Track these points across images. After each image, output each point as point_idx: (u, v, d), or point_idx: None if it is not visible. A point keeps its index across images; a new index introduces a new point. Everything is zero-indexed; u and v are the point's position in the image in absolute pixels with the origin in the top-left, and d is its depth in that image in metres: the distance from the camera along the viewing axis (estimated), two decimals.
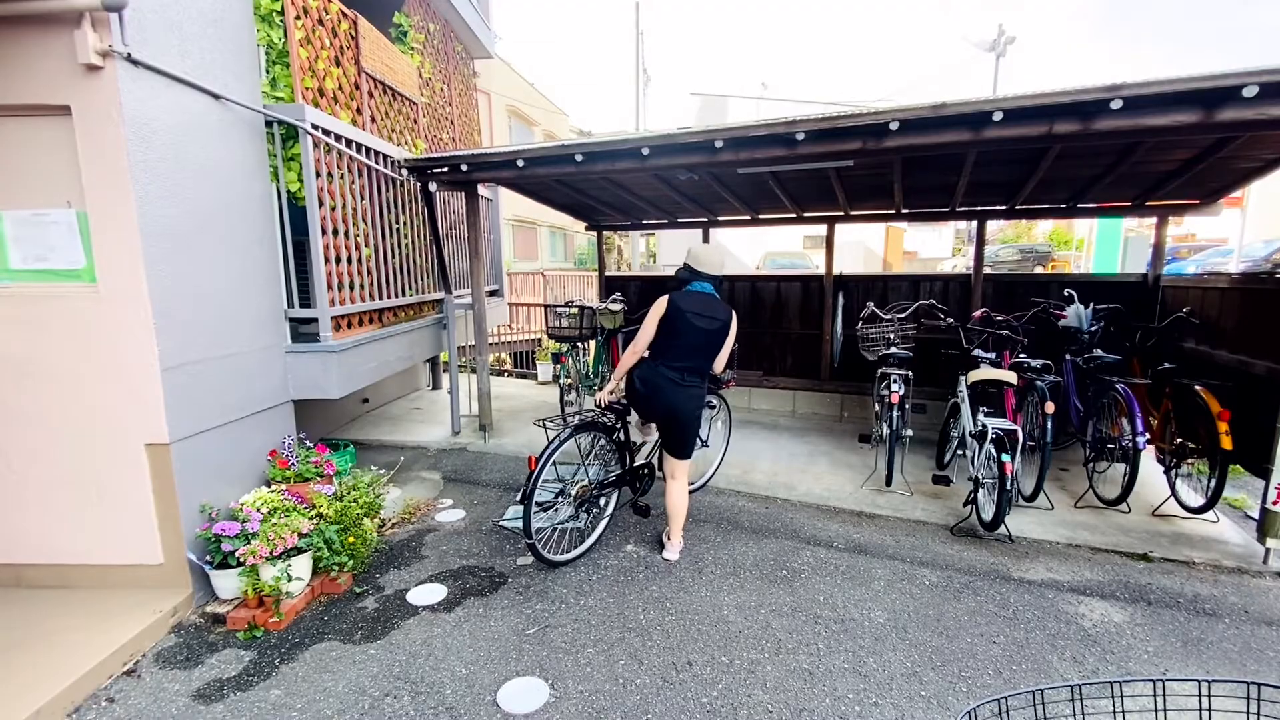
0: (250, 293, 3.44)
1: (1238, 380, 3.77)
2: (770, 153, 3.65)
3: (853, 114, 3.36)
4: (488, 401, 5.40)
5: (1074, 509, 4.02)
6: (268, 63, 3.63)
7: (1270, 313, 3.62)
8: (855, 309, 6.01)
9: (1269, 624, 2.83)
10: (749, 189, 5.53)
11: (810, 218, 6.53)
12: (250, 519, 2.96)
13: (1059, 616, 2.89)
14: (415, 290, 5.14)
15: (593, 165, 4.06)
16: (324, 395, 3.79)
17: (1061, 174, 4.65)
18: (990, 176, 4.82)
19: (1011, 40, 21.97)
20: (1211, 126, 2.90)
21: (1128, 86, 2.83)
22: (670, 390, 3.26)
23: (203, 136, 3.10)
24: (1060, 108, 2.99)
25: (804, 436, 5.69)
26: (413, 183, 4.98)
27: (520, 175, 4.32)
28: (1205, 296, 4.42)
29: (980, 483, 3.67)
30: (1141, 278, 5.32)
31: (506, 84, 20.19)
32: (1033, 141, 3.21)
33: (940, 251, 26.96)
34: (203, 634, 2.81)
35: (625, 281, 7.62)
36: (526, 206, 17.66)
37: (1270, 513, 3.24)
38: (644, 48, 20.76)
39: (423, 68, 5.76)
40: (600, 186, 5.62)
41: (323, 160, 3.75)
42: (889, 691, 2.41)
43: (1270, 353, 3.53)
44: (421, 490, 4.46)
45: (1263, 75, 2.65)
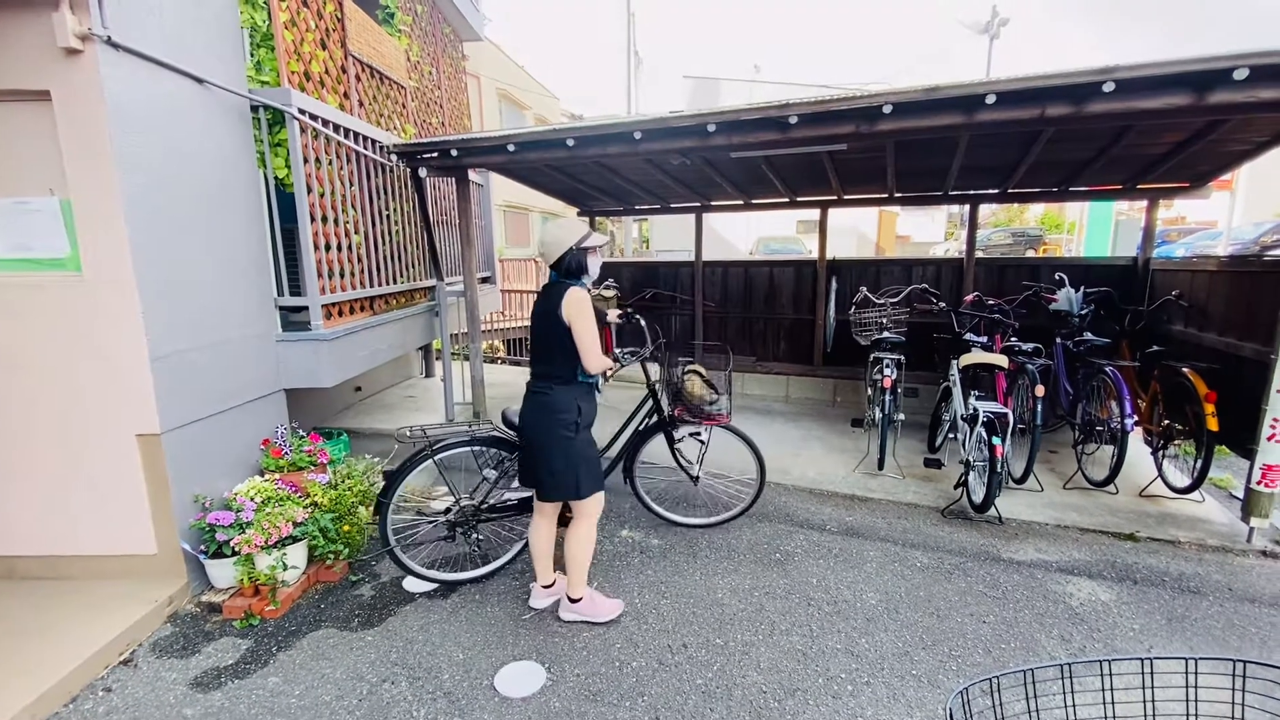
0: (239, 280, 3.41)
1: (1225, 362, 3.81)
2: (762, 136, 3.62)
3: (845, 97, 3.34)
4: (481, 389, 5.39)
5: (1063, 490, 4.07)
6: (252, 46, 3.56)
7: (1257, 295, 3.65)
8: (848, 294, 6.01)
9: (1252, 601, 2.89)
10: (742, 173, 5.50)
11: (803, 202, 6.52)
12: (244, 508, 2.96)
13: (1047, 596, 2.94)
14: (406, 277, 5.10)
15: (584, 150, 4.02)
16: (316, 384, 3.77)
17: (1053, 157, 4.65)
18: (983, 160, 4.81)
19: (1005, 22, 21.85)
20: (1203, 109, 2.90)
21: (1120, 69, 2.82)
22: (524, 403, 2.72)
23: (187, 122, 3.04)
24: (1052, 90, 2.98)
25: (797, 421, 5.72)
26: (402, 168, 4.92)
27: (511, 160, 4.28)
28: (1194, 279, 4.45)
29: (971, 465, 3.71)
30: (1131, 261, 5.35)
31: (497, 67, 19.92)
32: (1025, 124, 3.20)
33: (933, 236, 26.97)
34: (199, 623, 2.82)
35: (618, 267, 7.59)
36: (518, 192, 17.49)
37: (1254, 492, 3.29)
38: (635, 30, 20.53)
39: (410, 51, 5.67)
40: (592, 171, 5.58)
41: (310, 145, 3.69)
42: (880, 671, 2.44)
43: (1257, 335, 3.56)
44: (416, 478, 4.45)
45: (1253, 58, 2.64)
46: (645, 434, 3.53)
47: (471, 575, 3.14)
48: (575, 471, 2.62)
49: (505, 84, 20.24)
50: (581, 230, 2.62)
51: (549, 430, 2.61)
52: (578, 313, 2.51)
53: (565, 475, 2.62)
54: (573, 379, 2.63)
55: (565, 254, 2.58)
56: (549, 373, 2.65)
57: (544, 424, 2.62)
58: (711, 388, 3.37)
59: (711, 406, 3.35)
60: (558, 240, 2.58)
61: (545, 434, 2.62)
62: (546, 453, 2.62)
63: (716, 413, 3.38)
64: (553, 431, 2.60)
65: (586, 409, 2.68)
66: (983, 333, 4.70)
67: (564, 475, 2.62)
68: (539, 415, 2.64)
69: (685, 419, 3.44)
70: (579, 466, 2.62)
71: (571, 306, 2.51)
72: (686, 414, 3.41)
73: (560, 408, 2.60)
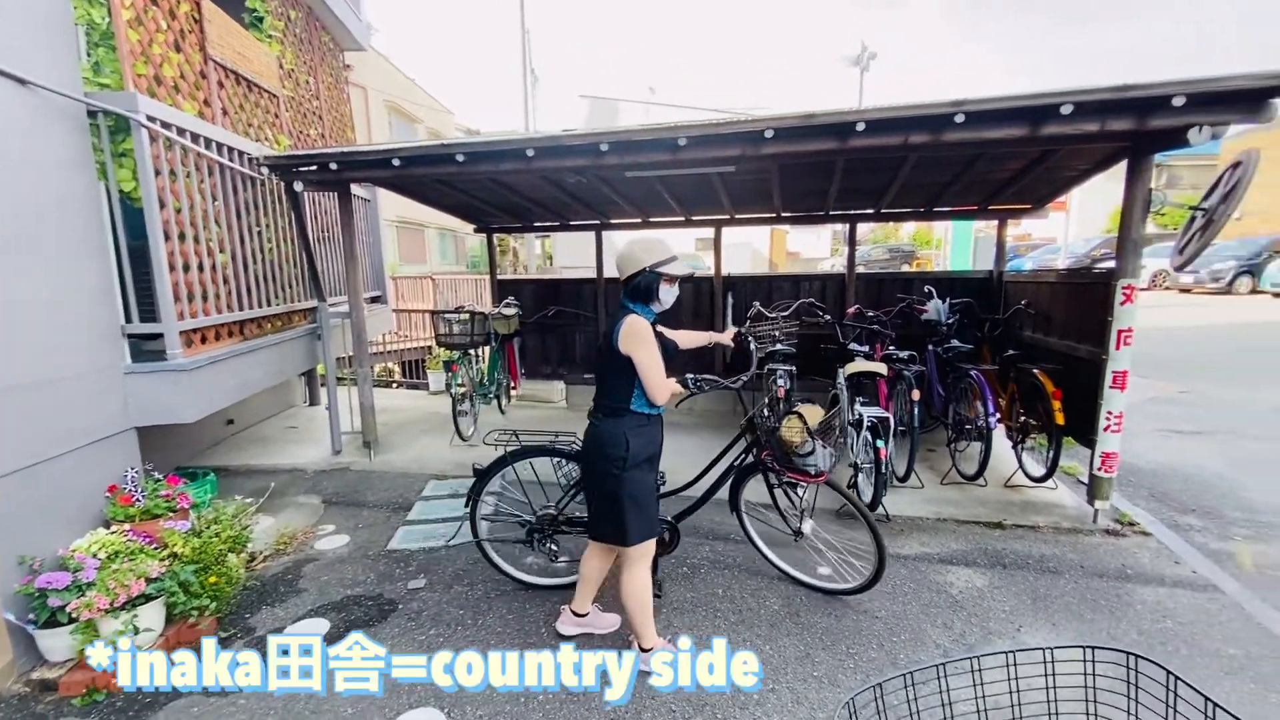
0: (76, 306, 3.00)
1: (1067, 363, 4.29)
2: (655, 157, 3.69)
3: (731, 121, 3.48)
4: (372, 416, 5.07)
5: (940, 486, 4.40)
6: (89, 45, 3.19)
7: (1089, 303, 4.14)
8: (743, 308, 6.24)
9: (1100, 576, 3.24)
10: (638, 192, 5.59)
11: (698, 221, 6.71)
12: (84, 567, 2.58)
13: (931, 586, 3.15)
14: (284, 299, 4.73)
15: (475, 166, 3.91)
16: (175, 419, 3.38)
17: (919, 181, 5.08)
18: (858, 183, 5.18)
19: (874, 56, 23.86)
20: (1038, 140, 3.27)
21: (969, 102, 3.13)
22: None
23: (7, 127, 2.66)
24: (914, 120, 3.26)
25: (699, 433, 5.83)
26: (276, 182, 4.58)
27: (398, 175, 4.09)
28: (1038, 290, 5.00)
29: (859, 468, 3.92)
30: (988, 274, 5.94)
31: (385, 79, 19.16)
32: (892, 151, 3.47)
33: (820, 252, 28.76)
34: (28, 705, 2.41)
35: (519, 285, 7.45)
36: (414, 207, 16.86)
37: (1097, 478, 3.71)
38: (531, 47, 20.48)
39: (284, 58, 5.31)
40: (486, 188, 5.45)
41: (163, 156, 3.34)
42: (784, 676, 2.50)
43: (1091, 338, 4.03)
44: (299, 517, 4.10)
45: (1076, 95, 3.02)
46: (745, 471, 3.07)
47: (554, 582, 3.16)
48: (620, 513, 2.38)
49: (395, 97, 19.52)
50: (662, 253, 2.37)
51: (593, 464, 2.46)
52: (635, 344, 2.30)
53: (608, 516, 2.43)
54: (622, 410, 2.39)
55: (637, 274, 2.35)
56: (599, 402, 2.47)
57: (590, 457, 2.48)
58: (811, 435, 2.69)
59: (804, 459, 2.71)
60: (632, 257, 2.37)
61: (590, 468, 2.49)
62: (591, 488, 2.50)
63: (806, 468, 2.72)
64: (597, 466, 2.43)
65: (638, 444, 2.39)
66: (865, 342, 5.02)
67: (607, 516, 2.43)
68: (586, 446, 2.51)
69: (772, 466, 2.90)
70: (625, 508, 2.38)
71: (628, 339, 2.30)
72: (774, 461, 2.85)
73: (606, 441, 2.39)
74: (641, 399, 2.38)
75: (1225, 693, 2.39)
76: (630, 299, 2.39)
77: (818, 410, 2.83)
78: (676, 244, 2.45)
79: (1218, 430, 5.63)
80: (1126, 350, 3.50)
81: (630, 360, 2.31)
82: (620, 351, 2.30)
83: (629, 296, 2.39)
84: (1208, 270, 15.46)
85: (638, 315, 2.35)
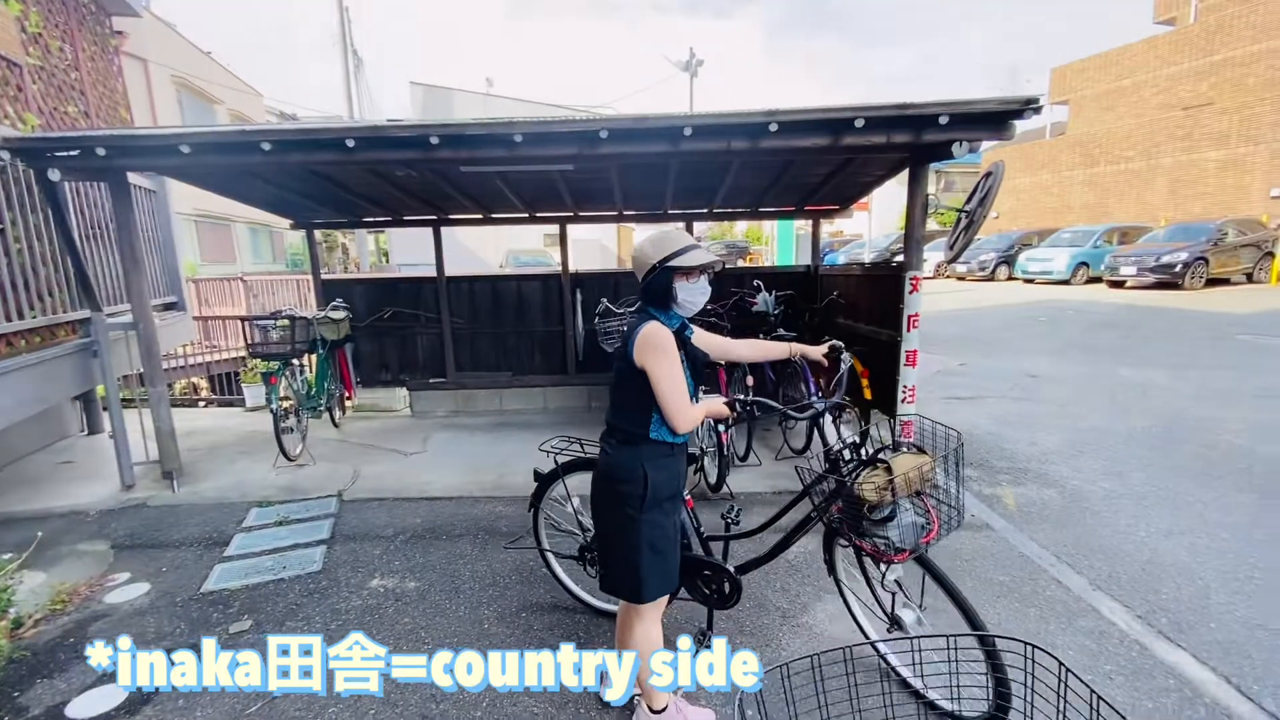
0: None
1: (872, 346, 4.89)
2: (491, 153, 3.60)
3: (566, 120, 3.50)
4: (172, 441, 4.40)
5: (775, 461, 4.82)
6: None
7: (887, 292, 4.74)
8: (592, 304, 6.31)
9: None
10: (479, 188, 5.41)
11: (543, 218, 6.67)
12: None
13: None
14: (41, 309, 3.94)
15: (285, 156, 3.53)
16: None
17: (744, 183, 5.49)
18: (692, 184, 5.47)
19: (701, 63, 25.22)
20: (838, 149, 3.68)
21: (781, 113, 3.44)
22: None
23: None
24: (735, 127, 3.51)
25: (549, 431, 5.81)
26: (23, 170, 3.78)
27: (190, 164, 3.58)
28: (848, 282, 5.64)
29: (705, 451, 4.16)
30: (806, 268, 6.58)
31: (173, 53, 16.65)
32: (718, 155, 3.71)
33: None
34: None
35: (349, 285, 6.88)
36: (216, 198, 14.85)
37: None
38: (353, 27, 18.88)
39: (28, 20, 4.40)
40: (302, 179, 4.95)
41: None
42: None
43: (889, 323, 4.62)
44: (80, 568, 3.45)
45: (866, 111, 3.45)
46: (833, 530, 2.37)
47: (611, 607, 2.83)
48: (634, 565, 1.97)
49: (186, 73, 17.06)
50: (673, 244, 1.96)
51: (604, 502, 2.02)
52: (652, 357, 1.89)
53: (622, 565, 2.00)
54: (640, 437, 1.98)
55: (648, 274, 1.97)
56: (612, 424, 2.05)
57: (600, 493, 2.04)
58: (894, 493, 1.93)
59: (881, 528, 1.95)
60: (641, 257, 1.99)
61: (601, 506, 2.04)
62: (601, 530, 2.06)
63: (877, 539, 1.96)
64: (609, 505, 2.00)
65: (659, 479, 1.98)
66: None
67: (620, 565, 2.01)
68: (595, 481, 2.07)
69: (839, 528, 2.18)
70: (640, 559, 1.97)
71: (644, 349, 1.90)
72: (841, 521, 2.12)
73: (619, 474, 1.98)
74: (662, 424, 1.97)
75: (998, 613, 2.89)
76: (649, 304, 2.03)
77: (912, 459, 2.02)
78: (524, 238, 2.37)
79: (987, 395, 6.76)
80: (915, 332, 4.07)
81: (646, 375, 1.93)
82: (635, 364, 1.93)
83: (648, 302, 2.04)
84: (976, 261, 18.49)
85: (658, 322, 1.97)
